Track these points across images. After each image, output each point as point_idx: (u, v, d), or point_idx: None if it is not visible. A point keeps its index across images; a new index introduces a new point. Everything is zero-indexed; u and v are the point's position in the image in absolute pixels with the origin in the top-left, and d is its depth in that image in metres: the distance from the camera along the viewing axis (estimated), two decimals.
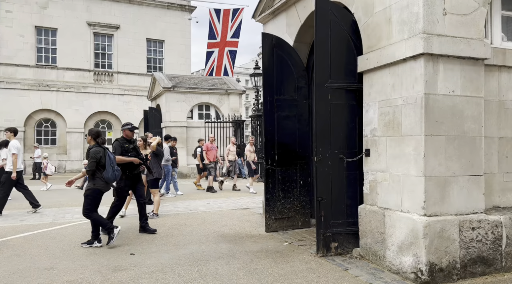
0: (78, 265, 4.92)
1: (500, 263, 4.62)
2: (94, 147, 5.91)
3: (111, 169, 5.83)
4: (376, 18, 5.00)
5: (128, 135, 6.67)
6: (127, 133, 6.66)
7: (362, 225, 5.21)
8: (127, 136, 6.67)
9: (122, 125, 6.77)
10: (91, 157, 5.80)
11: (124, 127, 6.67)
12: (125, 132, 6.66)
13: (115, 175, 5.92)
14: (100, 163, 5.81)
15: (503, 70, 5.02)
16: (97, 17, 25.18)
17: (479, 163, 4.61)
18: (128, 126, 6.63)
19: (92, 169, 5.77)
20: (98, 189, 5.90)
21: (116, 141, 6.61)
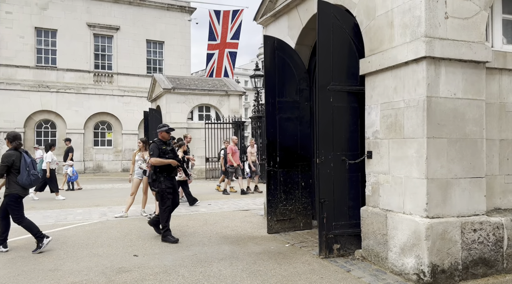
0: (82, 267, 4.94)
1: (502, 264, 4.66)
2: (7, 151, 5.68)
3: (26, 173, 5.57)
4: (378, 21, 5.05)
5: (165, 136, 6.47)
6: (164, 135, 6.46)
7: (364, 226, 5.24)
8: (163, 138, 6.45)
9: (158, 127, 6.55)
10: (2, 161, 5.61)
11: (161, 129, 6.47)
12: (162, 134, 6.45)
13: (30, 179, 5.62)
14: (14, 167, 5.58)
15: (504, 73, 5.07)
16: (97, 18, 25.19)
17: (481, 166, 4.65)
18: (165, 128, 6.45)
19: (2, 173, 5.57)
20: (15, 194, 5.65)
21: (153, 143, 6.41)
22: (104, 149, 25.49)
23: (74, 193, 12.88)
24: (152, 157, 6.22)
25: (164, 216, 6.27)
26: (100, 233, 6.76)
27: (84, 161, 24.59)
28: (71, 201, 10.82)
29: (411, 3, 4.53)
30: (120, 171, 25.27)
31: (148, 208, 8.79)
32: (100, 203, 10.31)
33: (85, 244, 6.07)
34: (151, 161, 6.26)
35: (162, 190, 6.26)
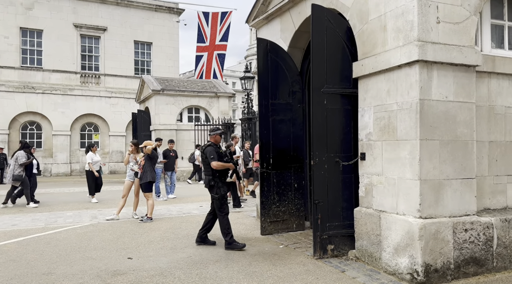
0: (77, 270, 4.90)
1: (492, 263, 4.77)
2: None
3: None
4: (371, 25, 5.13)
5: (218, 140, 6.27)
6: (218, 138, 6.25)
7: (358, 227, 5.31)
8: (216, 142, 6.22)
9: (211, 130, 6.28)
10: None
11: (215, 132, 6.23)
12: (216, 137, 6.22)
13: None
14: None
15: (492, 77, 5.20)
16: (84, 19, 24.92)
17: (471, 167, 4.77)
18: (219, 131, 6.25)
19: None
20: None
21: (210, 146, 6.05)
22: None
23: (63, 196, 12.71)
24: (213, 161, 5.86)
25: (226, 223, 5.95)
26: (93, 236, 6.70)
27: (70, 163, 24.28)
28: (59, 204, 10.67)
29: (404, 8, 4.63)
30: (107, 173, 24.99)
31: (139, 211, 8.74)
32: (90, 206, 10.21)
33: (77, 247, 6.01)
34: (214, 165, 5.85)
35: (222, 196, 5.99)
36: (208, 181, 5.96)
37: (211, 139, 6.21)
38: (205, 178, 6.08)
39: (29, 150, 10.63)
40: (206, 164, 6.00)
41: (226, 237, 5.91)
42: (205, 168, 6.08)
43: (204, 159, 6.02)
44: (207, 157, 5.92)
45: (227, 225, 5.94)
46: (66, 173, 23.96)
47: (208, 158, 5.92)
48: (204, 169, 6.14)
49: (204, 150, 6.03)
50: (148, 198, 7.96)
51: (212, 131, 6.24)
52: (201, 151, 6.14)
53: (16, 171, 9.97)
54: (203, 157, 6.02)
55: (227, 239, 5.89)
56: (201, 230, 6.21)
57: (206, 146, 6.08)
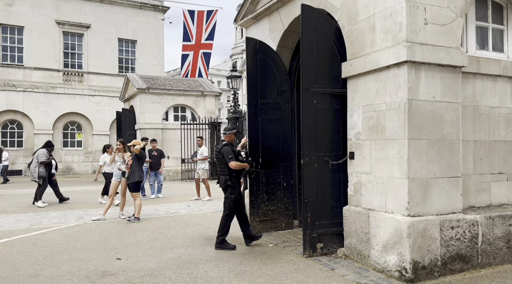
0: (64, 271, 4.83)
1: (477, 260, 4.89)
2: None
3: None
4: (360, 26, 5.19)
5: (232, 139, 6.20)
6: (232, 137, 6.19)
7: (346, 225, 5.37)
8: (231, 141, 6.15)
9: (225, 129, 6.20)
10: None
11: (230, 131, 6.14)
12: (231, 137, 6.16)
13: None
14: None
15: (477, 77, 5.32)
16: (67, 15, 24.48)
17: (458, 166, 4.87)
18: (234, 130, 6.19)
19: None
20: None
21: (227, 146, 5.94)
22: (73, 150, 24.81)
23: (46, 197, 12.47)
24: (232, 160, 5.79)
25: (227, 223, 5.95)
26: (79, 237, 6.60)
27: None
28: None
29: (392, 9, 4.69)
30: (90, 173, 24.63)
31: (126, 211, 8.64)
32: (75, 206, 10.05)
33: (64, 248, 5.91)
34: (233, 165, 5.78)
35: (237, 196, 5.96)
36: (224, 181, 5.87)
37: (225, 138, 6.13)
38: (220, 178, 5.98)
39: (51, 149, 10.47)
40: (222, 164, 5.91)
41: (220, 235, 5.87)
42: (221, 168, 5.98)
43: (220, 158, 5.91)
44: (225, 157, 5.83)
45: (227, 226, 5.94)
46: None
47: (225, 158, 5.82)
48: (219, 169, 6.03)
49: (220, 150, 5.92)
50: (135, 198, 7.88)
51: (227, 130, 6.15)
52: (217, 151, 6.01)
53: (39, 169, 9.97)
54: (219, 157, 5.92)
55: (221, 238, 5.86)
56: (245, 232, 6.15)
57: (223, 146, 5.95)
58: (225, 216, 5.94)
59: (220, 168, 6.03)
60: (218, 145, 6.14)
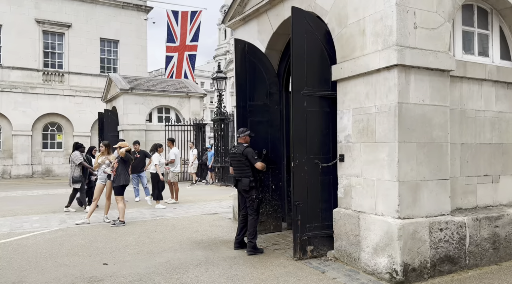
0: (49, 278, 4.68)
1: (464, 261, 4.96)
2: None
3: None
4: (350, 29, 5.21)
5: (248, 140, 6.07)
6: (247, 139, 6.07)
7: (336, 228, 5.38)
8: (247, 142, 6.05)
9: (240, 131, 6.10)
10: None
11: (245, 133, 6.05)
12: (246, 138, 6.04)
13: None
14: None
15: (464, 81, 5.41)
16: (47, 14, 23.97)
17: (446, 168, 4.94)
18: (248, 132, 6.08)
19: None
20: None
21: (249, 147, 5.92)
22: (54, 152, 24.30)
23: (27, 200, 12.15)
24: (258, 161, 5.80)
25: (256, 225, 5.85)
26: (63, 241, 6.43)
27: (32, 165, 23.29)
28: (23, 208, 10.18)
29: (383, 13, 4.73)
30: None
31: (110, 214, 8.46)
32: (57, 210, 9.79)
33: (48, 253, 5.74)
34: (259, 166, 5.80)
35: (261, 197, 5.99)
36: (249, 183, 5.79)
37: (241, 140, 6.04)
38: (242, 180, 5.84)
39: (83, 150, 10.13)
40: (245, 166, 5.84)
41: (253, 239, 5.75)
42: (242, 170, 5.88)
43: (243, 160, 5.83)
44: (249, 158, 5.80)
45: (256, 227, 5.86)
46: (27, 175, 22.95)
47: (250, 159, 5.80)
48: (239, 170, 5.92)
49: (243, 152, 5.83)
50: (118, 201, 7.71)
51: (241, 133, 6.08)
52: (239, 153, 5.87)
53: (75, 173, 9.54)
54: (241, 159, 5.83)
55: (254, 242, 5.75)
56: (238, 236, 6.04)
57: (245, 148, 5.88)
58: (253, 219, 5.85)
59: (240, 170, 5.90)
60: (236, 147, 6.03)
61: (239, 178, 5.92)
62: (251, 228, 5.82)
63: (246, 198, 5.92)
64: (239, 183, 5.93)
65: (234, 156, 6.01)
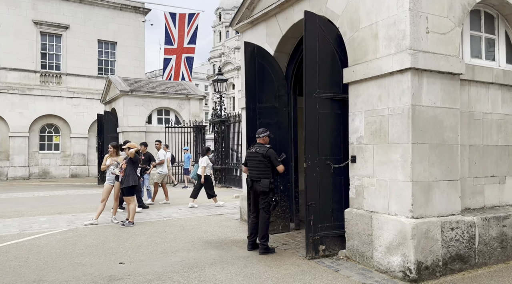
0: (69, 277, 4.73)
1: (474, 260, 5.09)
2: None
3: None
4: (362, 33, 5.33)
5: (267, 141, 6.08)
6: (267, 140, 6.08)
7: (348, 228, 5.48)
8: (266, 143, 6.05)
9: (259, 132, 6.08)
10: None
11: (265, 133, 6.05)
12: (265, 139, 6.05)
13: None
14: None
15: (472, 84, 5.55)
16: (45, 15, 23.91)
17: (456, 169, 5.07)
18: (267, 133, 6.08)
19: None
20: None
21: (272, 149, 5.97)
22: (51, 153, 24.19)
23: (30, 201, 12.12)
24: (280, 164, 5.89)
25: (268, 226, 5.97)
26: (76, 242, 6.46)
27: (29, 167, 23.16)
28: (28, 209, 10.18)
29: (396, 18, 4.85)
30: (68, 176, 24.10)
31: (118, 215, 8.50)
32: (62, 211, 9.81)
33: (63, 253, 5.78)
34: (281, 169, 5.89)
35: (277, 200, 6.00)
36: (268, 184, 5.80)
37: (260, 141, 6.03)
38: (262, 181, 5.82)
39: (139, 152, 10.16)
40: (266, 167, 5.85)
41: (266, 241, 5.82)
42: (261, 171, 5.86)
43: (265, 162, 5.84)
44: (272, 160, 5.84)
45: (268, 229, 5.95)
46: (24, 177, 22.83)
47: (273, 161, 5.85)
48: (258, 171, 5.89)
49: (266, 153, 5.85)
50: (129, 202, 7.77)
51: (261, 133, 6.05)
52: (262, 153, 5.87)
53: None
54: (264, 160, 5.84)
55: (266, 243, 5.81)
56: (252, 237, 6.03)
57: (268, 149, 5.89)
58: (266, 220, 5.90)
59: (259, 170, 5.87)
60: (257, 148, 5.98)
61: (258, 179, 5.88)
62: (264, 231, 5.87)
63: (262, 199, 5.90)
64: (256, 184, 5.90)
65: (255, 156, 5.95)
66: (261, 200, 5.93)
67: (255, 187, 5.95)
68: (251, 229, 6.07)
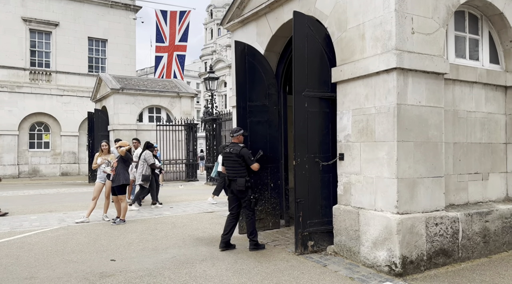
0: (61, 273, 4.78)
1: (457, 254, 5.24)
2: None
3: None
4: (349, 33, 5.45)
5: (241, 140, 6.09)
6: (241, 138, 6.09)
7: (336, 223, 5.61)
8: (240, 142, 6.06)
9: (233, 131, 6.12)
10: None
11: (238, 133, 6.07)
12: (240, 138, 6.08)
13: None
14: None
15: (456, 84, 5.70)
16: (34, 12, 23.69)
17: (441, 166, 5.21)
18: (241, 131, 6.09)
19: None
20: None
21: (245, 148, 5.98)
22: (41, 151, 24.02)
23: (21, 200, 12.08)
24: (254, 162, 5.90)
25: (254, 223, 5.97)
26: (67, 239, 6.50)
27: (18, 165, 22.98)
28: (19, 207, 10.15)
29: (382, 18, 4.97)
30: (58, 175, 23.96)
31: (109, 213, 8.53)
32: (53, 209, 9.81)
33: (54, 250, 5.82)
34: (256, 167, 5.91)
35: (256, 197, 5.98)
36: (245, 183, 5.80)
37: (235, 140, 6.06)
38: (238, 180, 5.82)
39: (152, 149, 10.22)
40: (240, 166, 5.86)
41: (254, 237, 5.88)
42: (237, 170, 5.87)
43: (239, 161, 5.85)
44: (246, 159, 5.86)
45: (255, 226, 5.96)
46: (13, 175, 22.64)
47: (247, 160, 5.86)
48: (233, 170, 5.91)
49: (240, 152, 5.86)
50: (121, 200, 7.80)
51: (235, 132, 6.09)
52: (235, 153, 5.87)
53: (146, 171, 9.66)
54: (238, 160, 5.84)
55: (255, 239, 5.87)
56: (225, 235, 5.97)
57: (242, 148, 5.91)
58: (251, 217, 5.94)
59: (235, 170, 5.89)
60: (231, 148, 6.00)
61: (234, 178, 5.90)
62: (251, 228, 5.92)
63: (241, 198, 5.93)
64: (233, 183, 5.91)
65: (229, 156, 5.96)
66: (242, 199, 5.95)
67: (232, 186, 5.94)
68: (225, 227, 5.99)
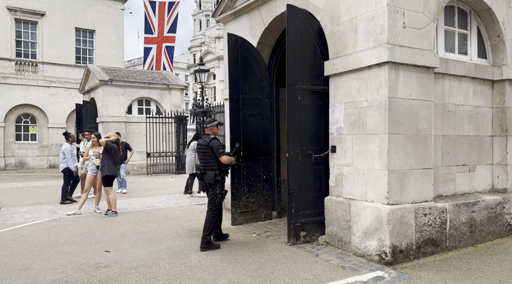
0: (56, 264, 4.81)
1: (445, 243, 5.41)
2: None
3: None
4: (342, 27, 5.51)
5: (216, 131, 5.85)
6: (215, 130, 5.84)
7: (328, 214, 5.72)
8: (214, 133, 5.82)
9: (207, 122, 5.86)
10: None
11: (212, 124, 5.80)
12: (213, 129, 5.81)
13: None
14: None
15: (445, 78, 5.83)
16: (19, 2, 23.19)
17: (430, 158, 5.35)
18: (215, 122, 5.82)
19: None
20: None
21: (216, 139, 5.66)
22: (27, 144, 23.68)
23: (9, 192, 11.97)
24: (223, 155, 5.59)
25: (214, 220, 5.66)
26: (60, 231, 6.50)
27: (4, 157, 22.65)
28: (8, 199, 10.07)
29: (374, 13, 5.05)
30: (46, 167, 23.68)
31: (101, 205, 8.53)
32: (44, 201, 9.76)
33: (47, 242, 5.83)
34: (225, 159, 5.59)
35: (225, 192, 5.76)
36: (214, 176, 5.57)
37: (208, 131, 5.81)
38: (208, 173, 5.62)
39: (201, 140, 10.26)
40: (210, 158, 5.63)
41: (207, 235, 5.51)
42: (207, 163, 5.66)
43: (208, 153, 5.62)
44: (214, 151, 5.59)
45: (213, 224, 5.65)
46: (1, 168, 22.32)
47: (216, 152, 5.59)
48: (204, 163, 5.69)
49: (209, 144, 5.61)
50: (107, 192, 7.76)
51: (208, 123, 5.84)
52: (205, 144, 5.66)
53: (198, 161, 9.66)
54: (208, 152, 5.62)
55: (208, 238, 5.51)
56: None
57: (211, 140, 5.65)
58: (211, 215, 5.64)
59: (205, 162, 5.69)
60: (203, 139, 5.80)
61: (204, 171, 5.69)
62: (207, 224, 5.56)
63: (209, 192, 5.72)
64: (204, 176, 5.70)
65: (200, 148, 5.77)
66: (208, 193, 5.75)
67: (204, 179, 5.75)
68: None
